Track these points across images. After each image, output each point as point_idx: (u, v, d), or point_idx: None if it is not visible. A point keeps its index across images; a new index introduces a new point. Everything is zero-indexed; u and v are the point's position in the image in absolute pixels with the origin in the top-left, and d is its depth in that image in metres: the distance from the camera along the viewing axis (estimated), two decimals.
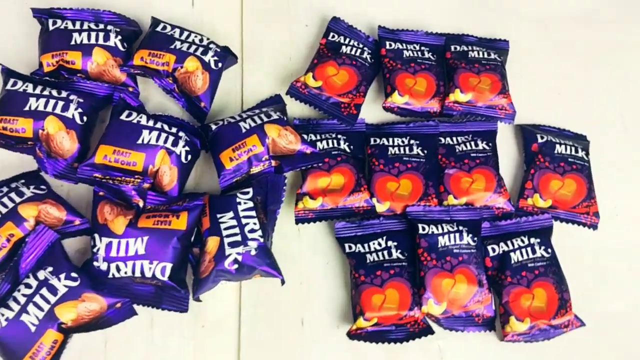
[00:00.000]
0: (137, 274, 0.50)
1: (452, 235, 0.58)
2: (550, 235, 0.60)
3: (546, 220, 0.61)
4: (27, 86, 0.56)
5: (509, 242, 0.59)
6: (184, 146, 0.56)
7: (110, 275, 0.50)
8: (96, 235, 0.51)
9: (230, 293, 0.55)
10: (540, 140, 0.65)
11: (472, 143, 0.64)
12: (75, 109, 0.56)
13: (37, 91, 0.56)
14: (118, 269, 0.50)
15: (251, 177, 0.58)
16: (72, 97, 0.56)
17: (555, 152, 0.64)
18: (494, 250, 0.59)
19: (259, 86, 0.67)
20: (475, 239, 0.58)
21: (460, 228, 0.58)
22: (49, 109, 0.55)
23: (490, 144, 0.65)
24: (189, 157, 0.57)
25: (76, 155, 0.55)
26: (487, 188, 0.62)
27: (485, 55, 0.69)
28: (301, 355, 0.54)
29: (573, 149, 0.65)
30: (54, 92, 0.56)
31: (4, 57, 0.61)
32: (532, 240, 0.59)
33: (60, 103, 0.55)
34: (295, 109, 0.65)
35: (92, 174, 0.54)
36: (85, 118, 0.56)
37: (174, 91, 0.61)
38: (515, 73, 0.71)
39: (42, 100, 0.55)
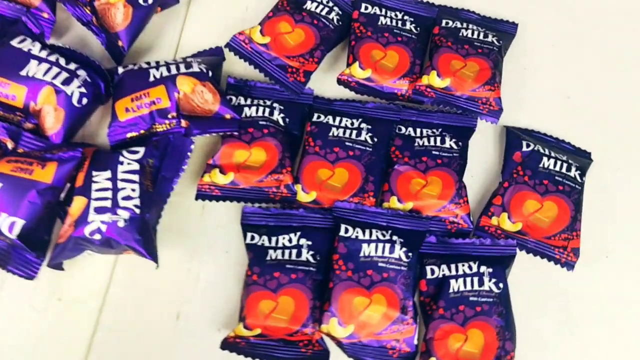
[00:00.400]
0: None
1: (380, 245, 0.47)
2: (508, 267, 0.48)
3: (508, 248, 0.49)
4: None
5: (452, 266, 0.48)
6: (79, 87, 0.48)
7: None
8: None
9: (101, 267, 0.47)
10: (525, 149, 0.53)
11: (438, 139, 0.53)
12: None
13: None
14: None
15: (154, 136, 0.49)
16: None
17: (541, 165, 0.52)
18: (432, 272, 0.48)
19: (202, 35, 0.57)
20: (410, 254, 0.47)
21: (394, 238, 0.47)
22: None
23: (460, 144, 0.53)
24: (84, 100, 0.48)
25: None
26: (442, 195, 0.50)
27: (481, 37, 0.57)
28: (164, 354, 0.45)
29: (565, 166, 0.52)
30: None
31: None
32: (483, 268, 0.47)
33: None
34: (239, 68, 0.56)
35: None
36: None
37: (92, 24, 0.52)
38: (518, 64, 0.59)
39: None
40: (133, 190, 0.44)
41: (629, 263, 0.51)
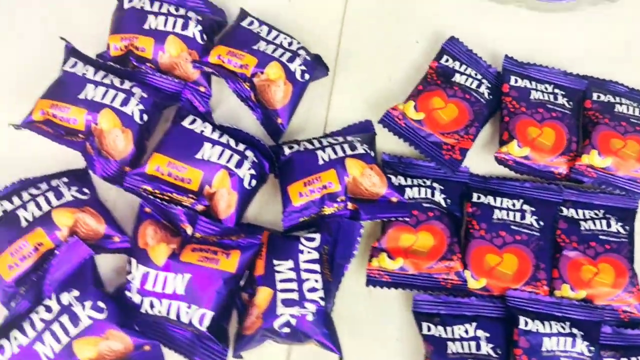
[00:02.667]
0: (173, 316, 0.45)
1: (562, 339, 0.48)
2: None
3: None
4: (87, 70, 0.52)
5: (633, 359, 0.49)
6: (249, 169, 0.50)
7: (142, 310, 0.45)
8: (133, 261, 0.46)
9: (277, 355, 0.49)
10: None
11: (604, 222, 0.54)
12: (136, 104, 0.51)
13: (98, 77, 0.52)
14: (152, 306, 0.45)
15: (321, 218, 0.51)
16: (135, 90, 0.52)
17: None
18: None
19: (348, 106, 0.60)
20: (593, 348, 0.48)
21: (574, 331, 0.49)
22: (107, 100, 0.51)
23: (627, 227, 0.54)
24: (254, 182, 0.51)
25: (129, 158, 0.51)
26: (615, 284, 0.51)
27: (637, 113, 0.58)
28: None
29: None
30: (116, 82, 0.52)
31: (73, 33, 0.57)
32: None
33: (121, 95, 0.51)
34: (386, 141, 0.58)
35: (140, 185, 0.49)
36: (145, 117, 0.52)
37: (250, 99, 0.55)
38: None
39: (101, 89, 0.51)
40: (316, 281, 0.46)
41: None
